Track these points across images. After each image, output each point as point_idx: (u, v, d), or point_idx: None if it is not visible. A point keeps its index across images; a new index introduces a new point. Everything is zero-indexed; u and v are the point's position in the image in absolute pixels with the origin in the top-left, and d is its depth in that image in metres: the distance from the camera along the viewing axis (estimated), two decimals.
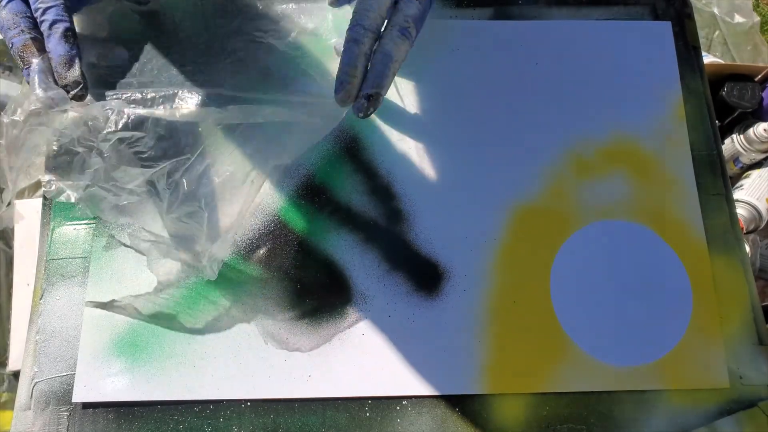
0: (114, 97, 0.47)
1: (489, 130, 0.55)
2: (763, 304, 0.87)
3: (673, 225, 0.53)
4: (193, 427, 0.46)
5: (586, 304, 0.50)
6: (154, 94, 0.48)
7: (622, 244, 0.52)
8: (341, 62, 0.43)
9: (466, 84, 0.56)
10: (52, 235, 0.50)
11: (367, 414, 0.47)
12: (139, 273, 0.49)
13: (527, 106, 0.56)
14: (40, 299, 0.49)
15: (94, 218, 0.50)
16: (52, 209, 0.51)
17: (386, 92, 0.44)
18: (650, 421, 0.47)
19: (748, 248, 0.99)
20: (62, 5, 0.45)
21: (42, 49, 0.45)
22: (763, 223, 1.02)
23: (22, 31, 0.44)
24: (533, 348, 0.49)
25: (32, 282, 0.49)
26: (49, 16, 0.45)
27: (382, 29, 0.44)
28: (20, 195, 0.77)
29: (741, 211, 1.02)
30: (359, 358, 0.48)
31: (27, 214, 0.68)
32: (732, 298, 0.51)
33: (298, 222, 0.51)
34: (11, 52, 0.45)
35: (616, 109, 0.56)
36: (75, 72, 0.45)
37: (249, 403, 0.47)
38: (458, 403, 0.47)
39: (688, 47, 0.59)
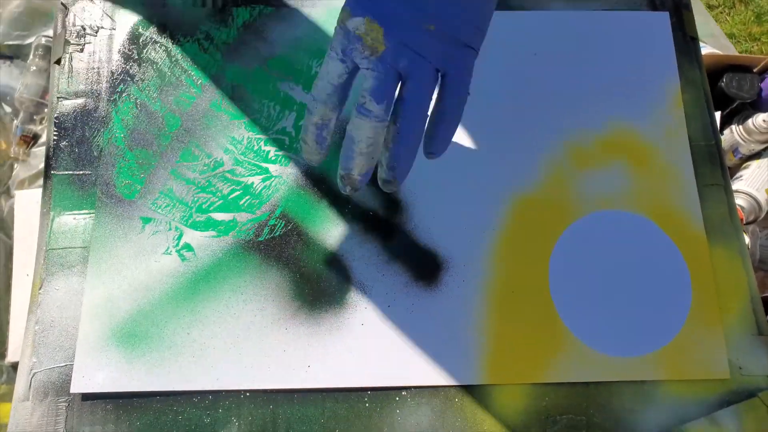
0: None
1: (487, 120, 0.54)
2: (763, 295, 0.87)
3: (671, 215, 0.53)
4: (192, 417, 0.46)
5: (584, 294, 0.50)
6: None
7: (620, 234, 0.52)
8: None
9: None
10: (51, 225, 0.50)
11: (367, 404, 0.47)
12: (138, 263, 0.49)
13: (525, 97, 0.55)
14: (39, 289, 0.48)
15: (93, 208, 0.50)
16: (52, 199, 0.51)
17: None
18: (650, 411, 0.47)
19: (747, 239, 0.99)
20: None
21: None
22: (763, 214, 1.02)
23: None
24: (532, 338, 0.49)
25: (32, 272, 0.49)
26: None
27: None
28: (20, 185, 0.77)
29: (740, 201, 1.02)
30: (358, 349, 0.48)
31: (26, 204, 0.67)
32: (731, 288, 0.51)
33: (297, 212, 0.51)
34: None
35: (615, 100, 0.56)
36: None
37: (248, 394, 0.47)
38: (457, 394, 0.47)
39: (686, 38, 0.59)
